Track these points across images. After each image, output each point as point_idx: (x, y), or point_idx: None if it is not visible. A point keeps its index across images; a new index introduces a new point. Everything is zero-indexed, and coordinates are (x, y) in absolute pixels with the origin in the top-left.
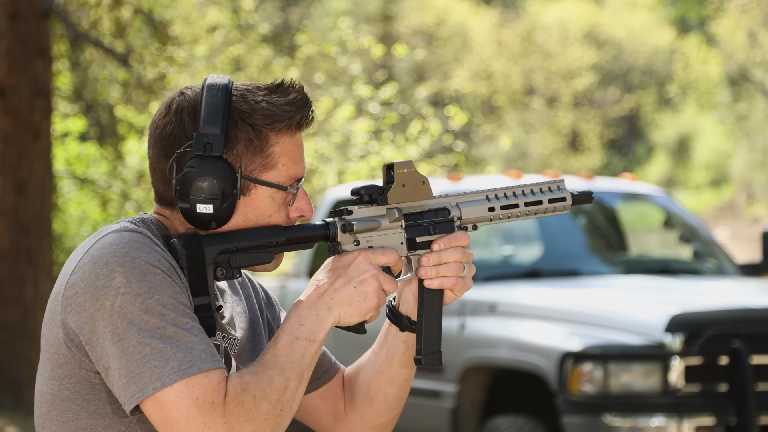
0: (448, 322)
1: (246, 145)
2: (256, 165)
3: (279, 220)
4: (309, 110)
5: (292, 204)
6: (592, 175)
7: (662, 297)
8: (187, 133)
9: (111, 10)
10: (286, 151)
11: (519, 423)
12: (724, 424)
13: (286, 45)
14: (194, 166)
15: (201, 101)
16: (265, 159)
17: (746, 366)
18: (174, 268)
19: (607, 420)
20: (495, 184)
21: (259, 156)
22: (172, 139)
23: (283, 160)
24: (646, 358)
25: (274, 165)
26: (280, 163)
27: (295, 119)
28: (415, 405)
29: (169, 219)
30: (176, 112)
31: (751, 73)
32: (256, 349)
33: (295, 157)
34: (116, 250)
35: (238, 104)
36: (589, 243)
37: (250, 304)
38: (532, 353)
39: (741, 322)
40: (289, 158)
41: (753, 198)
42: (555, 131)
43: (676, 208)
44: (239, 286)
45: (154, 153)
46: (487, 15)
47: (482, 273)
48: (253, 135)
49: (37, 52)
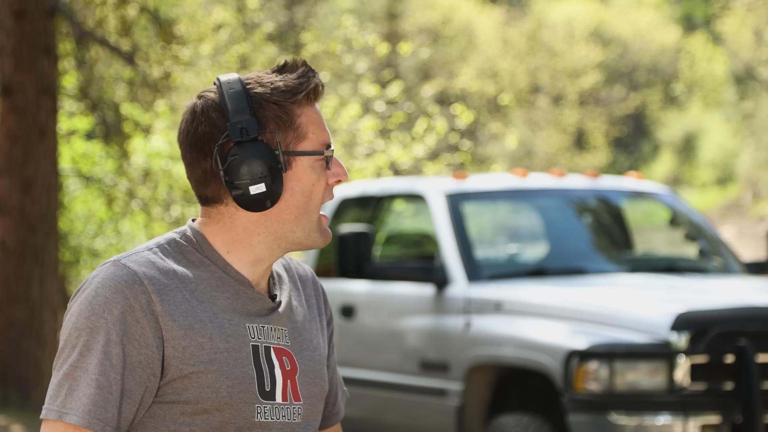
0: (454, 321)
1: (277, 123)
2: (290, 139)
3: (320, 188)
4: (318, 79)
5: (330, 169)
6: (597, 174)
7: (668, 295)
8: (220, 128)
9: (117, 8)
10: (312, 119)
11: (525, 421)
12: (730, 423)
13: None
14: (237, 153)
15: (222, 96)
16: (296, 131)
17: (752, 364)
18: (145, 313)
19: (612, 418)
20: (502, 182)
21: (290, 130)
22: (206, 138)
23: (312, 129)
24: (652, 357)
25: (306, 135)
26: (309, 131)
27: (311, 88)
28: (421, 403)
29: (216, 218)
30: (203, 113)
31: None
32: (304, 347)
33: (320, 124)
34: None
35: (256, 89)
36: (594, 241)
37: (310, 303)
38: (537, 351)
39: (747, 321)
40: (316, 126)
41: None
42: (561, 129)
43: (681, 206)
44: (300, 282)
45: (192, 159)
46: (493, 13)
47: (488, 271)
48: (280, 111)
49: (43, 50)
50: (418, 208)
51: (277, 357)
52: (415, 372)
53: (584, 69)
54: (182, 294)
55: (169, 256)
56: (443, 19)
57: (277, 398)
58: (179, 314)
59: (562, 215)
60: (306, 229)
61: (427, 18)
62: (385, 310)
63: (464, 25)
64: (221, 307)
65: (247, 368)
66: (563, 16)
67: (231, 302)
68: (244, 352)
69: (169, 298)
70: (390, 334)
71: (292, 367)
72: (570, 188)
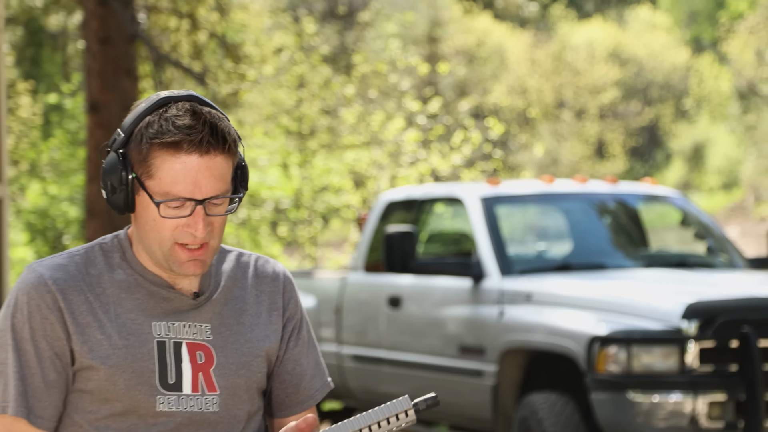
0: (489, 310)
1: (137, 151)
2: (142, 170)
3: (160, 229)
4: (196, 136)
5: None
6: (616, 180)
7: (679, 288)
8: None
9: (189, 34)
10: (170, 166)
11: (552, 399)
12: (735, 400)
13: (343, 64)
14: (103, 158)
15: (137, 107)
16: (148, 168)
17: (755, 349)
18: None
19: (630, 396)
20: (531, 187)
21: (144, 163)
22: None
23: (162, 174)
24: (665, 342)
25: (152, 175)
26: (159, 175)
27: (175, 139)
28: (461, 383)
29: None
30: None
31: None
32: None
33: (178, 175)
34: (4, 314)
35: (152, 115)
36: (613, 240)
37: (261, 300)
38: (563, 337)
39: (750, 310)
40: (170, 174)
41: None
42: (583, 140)
43: (691, 208)
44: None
45: None
46: (522, 36)
47: (519, 266)
48: (141, 145)
49: (124, 72)
50: (456, 211)
51: (189, 351)
52: (455, 355)
53: (604, 86)
54: (85, 296)
55: (87, 261)
56: (478, 42)
57: (184, 389)
58: (79, 313)
59: (584, 216)
60: (162, 251)
61: (463, 41)
62: (428, 300)
63: (496, 47)
64: (127, 308)
65: (147, 363)
66: (585, 39)
67: (140, 303)
68: (146, 348)
69: (71, 297)
70: (432, 322)
71: (207, 360)
72: (591, 192)
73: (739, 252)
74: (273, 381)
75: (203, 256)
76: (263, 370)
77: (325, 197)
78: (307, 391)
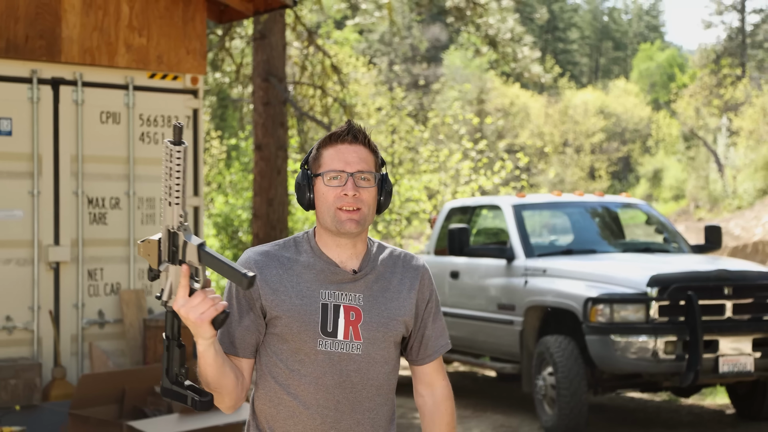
0: (518, 281)
1: (312, 158)
2: (315, 166)
3: (326, 198)
4: (346, 131)
5: (332, 185)
6: (603, 193)
7: (645, 265)
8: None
9: (321, 99)
10: (330, 154)
11: (560, 339)
12: (683, 340)
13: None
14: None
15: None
16: (317, 163)
17: (696, 306)
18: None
19: (612, 338)
20: (546, 199)
21: (315, 161)
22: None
23: (324, 160)
24: (636, 301)
25: (320, 165)
26: (322, 162)
27: (333, 134)
28: (498, 328)
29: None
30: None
31: (697, 132)
32: (375, 307)
33: (334, 157)
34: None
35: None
36: (601, 233)
37: (403, 282)
38: (568, 299)
39: (693, 280)
40: (331, 158)
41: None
42: (580, 167)
43: (653, 212)
44: (402, 267)
45: None
46: (540, 99)
47: (537, 251)
48: (316, 152)
49: (279, 124)
50: (496, 214)
51: (344, 311)
52: (494, 311)
53: (594, 131)
54: (277, 270)
55: (284, 247)
56: (510, 102)
57: (338, 336)
58: (272, 282)
59: (581, 218)
60: (330, 216)
61: (501, 102)
62: (477, 274)
63: (523, 106)
64: (306, 279)
65: (313, 316)
66: (581, 100)
67: (315, 276)
68: (313, 307)
69: (266, 272)
70: (479, 288)
71: (357, 318)
72: (586, 202)
73: (685, 241)
74: (412, 339)
75: (358, 217)
76: (397, 329)
77: (409, 205)
78: (433, 348)
